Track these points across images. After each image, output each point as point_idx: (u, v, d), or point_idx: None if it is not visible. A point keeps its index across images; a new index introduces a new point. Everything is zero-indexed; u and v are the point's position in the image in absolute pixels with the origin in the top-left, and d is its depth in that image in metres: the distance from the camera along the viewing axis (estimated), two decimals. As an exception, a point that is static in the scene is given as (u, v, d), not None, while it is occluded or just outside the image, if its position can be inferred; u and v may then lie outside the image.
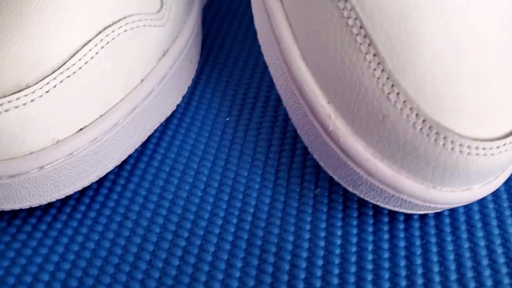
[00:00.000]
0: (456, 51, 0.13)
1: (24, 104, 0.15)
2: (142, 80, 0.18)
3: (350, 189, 0.16)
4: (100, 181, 0.19)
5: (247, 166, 0.19)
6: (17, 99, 0.15)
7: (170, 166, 0.19)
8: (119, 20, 0.18)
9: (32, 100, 0.15)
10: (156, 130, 0.20)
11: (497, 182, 0.15)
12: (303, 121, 0.16)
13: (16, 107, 0.15)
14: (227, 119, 0.21)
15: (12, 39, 0.16)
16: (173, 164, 0.19)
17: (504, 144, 0.14)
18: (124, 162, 0.19)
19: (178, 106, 0.21)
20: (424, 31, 0.13)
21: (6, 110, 0.15)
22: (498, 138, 0.14)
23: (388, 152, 0.14)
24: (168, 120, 0.21)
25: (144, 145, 0.20)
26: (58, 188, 0.16)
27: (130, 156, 0.19)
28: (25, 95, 0.15)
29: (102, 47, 0.17)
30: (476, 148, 0.13)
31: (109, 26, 0.17)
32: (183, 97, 0.21)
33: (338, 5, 0.14)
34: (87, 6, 0.17)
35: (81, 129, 0.16)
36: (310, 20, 0.15)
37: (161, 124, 0.20)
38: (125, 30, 0.18)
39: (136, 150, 0.19)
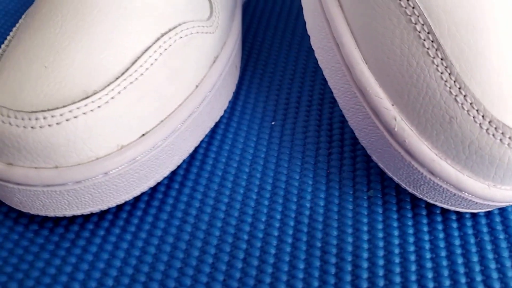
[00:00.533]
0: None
1: (92, 110, 0.15)
2: (196, 86, 0.18)
3: (410, 189, 0.16)
4: (154, 187, 0.19)
5: (298, 169, 0.19)
6: (85, 105, 0.15)
7: (223, 170, 0.19)
8: (175, 27, 0.18)
9: (99, 107, 0.15)
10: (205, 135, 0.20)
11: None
12: (364, 123, 0.16)
13: (84, 113, 0.15)
14: (273, 123, 0.21)
15: (76, 46, 0.16)
16: (225, 168, 0.19)
17: None
18: (177, 167, 0.19)
19: (224, 111, 0.21)
20: (490, 35, 0.14)
21: (75, 117, 0.15)
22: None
23: (453, 152, 0.15)
24: (216, 125, 0.21)
25: (195, 149, 0.20)
26: (120, 194, 0.17)
27: (182, 161, 0.19)
28: (92, 102, 0.15)
29: (161, 54, 0.17)
30: None
31: (166, 33, 0.17)
32: (229, 102, 0.21)
33: (406, 11, 0.14)
34: (146, 14, 0.17)
35: (143, 135, 0.16)
36: (374, 26, 0.15)
37: (210, 128, 0.20)
38: (180, 37, 0.18)
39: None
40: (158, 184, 0.19)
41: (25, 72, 0.16)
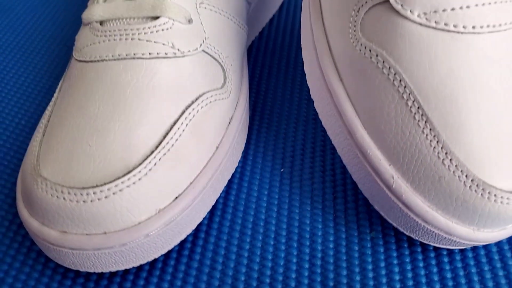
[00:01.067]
0: (496, 124, 0.17)
1: (134, 183, 0.18)
2: (217, 148, 0.21)
3: (407, 233, 0.19)
4: (180, 243, 0.21)
5: (308, 214, 0.22)
6: (128, 179, 0.18)
7: (242, 218, 0.22)
8: (196, 99, 0.20)
9: (139, 179, 0.18)
10: (222, 186, 0.23)
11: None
12: (366, 179, 0.19)
13: (127, 186, 0.17)
14: (282, 170, 0.24)
15: (115, 125, 0.18)
16: (243, 216, 0.22)
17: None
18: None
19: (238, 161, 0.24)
20: (471, 108, 0.17)
21: (120, 190, 0.17)
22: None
23: (443, 204, 0.17)
24: (231, 175, 0.23)
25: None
26: (158, 250, 0.19)
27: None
28: (134, 175, 0.18)
29: (187, 125, 0.20)
30: (508, 199, 0.17)
31: (190, 105, 0.20)
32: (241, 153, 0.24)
33: (399, 90, 0.17)
34: (171, 90, 0.20)
35: (176, 197, 0.19)
36: (371, 99, 0.18)
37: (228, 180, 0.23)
38: (201, 107, 0.20)
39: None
40: (183, 241, 0.21)
41: (72, 152, 0.18)
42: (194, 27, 0.21)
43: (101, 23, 0.21)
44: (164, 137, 0.19)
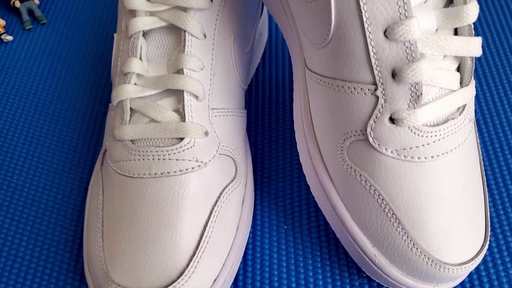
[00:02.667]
0: (448, 222, 0.23)
1: (186, 281, 0.23)
2: (237, 228, 0.27)
3: (386, 285, 0.26)
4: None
5: (310, 267, 0.28)
6: (182, 279, 0.23)
7: (260, 275, 0.28)
8: (219, 197, 0.26)
9: (189, 277, 0.23)
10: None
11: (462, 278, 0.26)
12: (355, 254, 0.25)
13: (182, 285, 0.23)
14: (285, 227, 0.30)
15: (163, 236, 0.24)
16: (261, 273, 0.28)
17: (468, 265, 0.24)
18: None
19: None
20: (430, 215, 0.23)
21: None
22: (466, 262, 0.24)
23: (412, 273, 0.24)
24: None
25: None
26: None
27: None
28: (185, 275, 0.23)
29: (215, 221, 0.25)
30: (456, 270, 0.23)
31: (215, 203, 0.25)
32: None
33: (378, 201, 0.23)
34: (199, 196, 0.25)
35: (214, 280, 0.25)
36: (357, 203, 0.24)
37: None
38: (223, 201, 0.26)
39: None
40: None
41: (135, 261, 0.23)
42: (210, 138, 0.26)
43: (132, 141, 0.25)
44: (201, 236, 0.24)
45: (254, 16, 0.32)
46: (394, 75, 0.20)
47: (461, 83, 0.22)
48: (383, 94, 0.21)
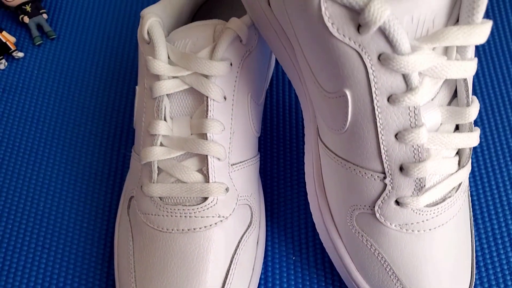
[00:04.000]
0: (441, 280, 0.26)
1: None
2: (253, 269, 0.30)
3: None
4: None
5: (315, 296, 0.32)
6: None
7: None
8: (238, 245, 0.29)
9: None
10: None
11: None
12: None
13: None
14: (293, 258, 0.33)
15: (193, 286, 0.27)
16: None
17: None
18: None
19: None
20: (426, 275, 0.26)
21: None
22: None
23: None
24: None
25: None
26: None
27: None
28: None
29: (235, 268, 0.28)
30: None
31: (235, 252, 0.28)
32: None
33: (381, 261, 0.26)
34: (222, 247, 0.28)
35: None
36: (362, 260, 0.27)
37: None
38: (241, 249, 0.29)
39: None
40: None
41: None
42: (230, 193, 0.28)
43: (160, 198, 0.28)
44: (223, 284, 0.28)
45: (268, 68, 0.33)
46: (401, 169, 0.23)
47: (459, 163, 0.25)
48: (391, 183, 0.24)
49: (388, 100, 0.21)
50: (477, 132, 0.24)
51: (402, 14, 0.20)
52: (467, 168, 0.25)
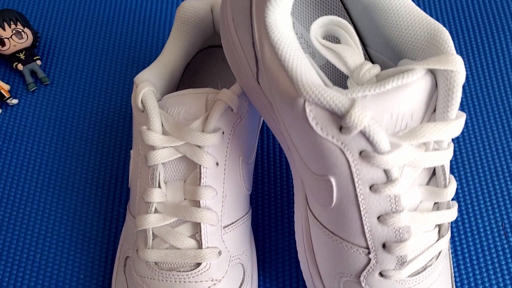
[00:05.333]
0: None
1: None
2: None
3: None
4: None
5: None
6: None
7: None
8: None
9: None
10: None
11: None
12: None
13: None
14: (284, 307, 0.35)
15: None
16: None
17: None
18: None
19: None
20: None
21: None
22: None
23: None
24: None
25: None
26: None
27: None
28: None
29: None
30: None
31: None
32: None
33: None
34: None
35: None
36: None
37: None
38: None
39: None
40: None
41: None
42: (223, 256, 0.30)
43: (155, 262, 0.29)
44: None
45: (257, 129, 0.34)
46: (384, 246, 0.24)
47: (438, 233, 0.26)
48: (375, 258, 0.25)
49: (370, 188, 0.23)
50: (455, 207, 0.25)
51: (382, 112, 0.21)
52: (447, 237, 0.26)
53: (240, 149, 0.31)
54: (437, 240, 0.26)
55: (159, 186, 0.29)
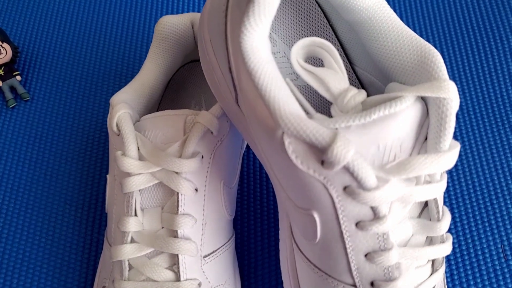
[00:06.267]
0: None
1: None
2: None
3: None
4: None
5: None
6: None
7: None
8: None
9: None
10: None
11: None
12: None
13: None
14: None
15: None
16: None
17: None
18: None
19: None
20: None
21: None
22: None
23: None
24: None
25: None
26: None
27: None
28: None
29: None
30: None
31: None
32: None
33: None
34: None
35: None
36: None
37: None
38: None
39: None
40: None
41: None
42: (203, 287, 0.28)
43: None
44: None
45: (241, 151, 0.33)
46: (372, 284, 0.23)
47: (432, 267, 0.24)
48: (363, 296, 0.23)
49: (356, 225, 0.21)
50: (449, 241, 0.24)
51: (368, 144, 0.19)
52: (441, 270, 0.25)
53: (221, 173, 0.29)
54: (431, 275, 0.24)
55: (135, 214, 0.28)
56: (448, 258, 0.35)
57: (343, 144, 0.18)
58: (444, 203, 0.37)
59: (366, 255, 0.22)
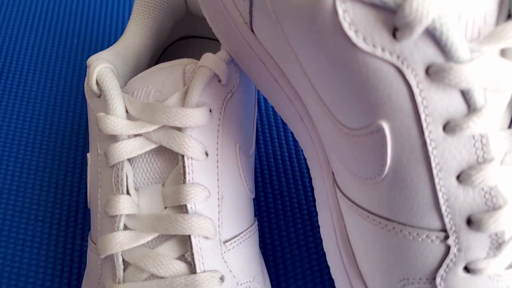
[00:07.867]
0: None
1: None
2: None
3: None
4: None
5: None
6: None
7: None
8: None
9: None
10: None
11: None
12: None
13: None
14: None
15: None
16: None
17: None
18: None
19: None
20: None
21: None
22: None
23: None
24: None
25: None
26: None
27: None
28: None
29: None
30: None
31: None
32: None
33: None
34: None
35: None
36: None
37: None
38: None
39: None
40: None
41: None
42: (227, 283, 0.21)
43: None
44: None
45: (253, 109, 0.27)
46: (469, 222, 0.17)
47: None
48: (456, 243, 0.17)
49: (444, 129, 0.15)
50: None
51: (448, 10, 0.14)
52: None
53: (235, 134, 0.23)
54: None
55: (128, 193, 0.21)
56: None
57: (424, -6, 0.13)
58: None
59: (458, 176, 0.16)
